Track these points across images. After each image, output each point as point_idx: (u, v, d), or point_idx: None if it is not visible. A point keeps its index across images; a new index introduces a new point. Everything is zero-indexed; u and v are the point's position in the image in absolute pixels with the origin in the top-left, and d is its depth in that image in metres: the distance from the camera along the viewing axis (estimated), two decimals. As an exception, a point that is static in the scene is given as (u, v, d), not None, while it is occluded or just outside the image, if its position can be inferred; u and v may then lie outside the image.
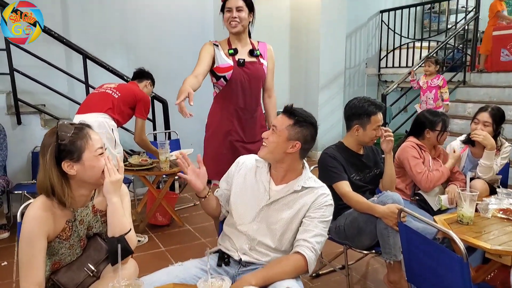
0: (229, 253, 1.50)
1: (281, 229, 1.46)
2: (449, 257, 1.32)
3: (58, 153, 1.26)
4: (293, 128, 1.47)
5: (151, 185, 3.21)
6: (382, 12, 6.35)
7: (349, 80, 6.27)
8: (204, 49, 2.21)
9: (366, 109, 2.04)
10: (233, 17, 2.15)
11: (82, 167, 1.28)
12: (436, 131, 2.35)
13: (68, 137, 1.27)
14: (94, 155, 1.30)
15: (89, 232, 1.39)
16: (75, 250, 1.37)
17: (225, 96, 2.26)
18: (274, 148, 1.48)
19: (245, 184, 1.55)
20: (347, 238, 2.02)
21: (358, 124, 2.06)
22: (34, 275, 1.24)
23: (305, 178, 1.51)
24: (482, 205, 1.96)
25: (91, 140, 1.30)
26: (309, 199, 1.47)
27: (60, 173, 1.27)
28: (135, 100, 2.90)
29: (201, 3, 4.86)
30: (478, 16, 5.37)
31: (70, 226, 1.34)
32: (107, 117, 2.72)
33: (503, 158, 2.47)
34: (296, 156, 1.50)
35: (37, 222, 1.25)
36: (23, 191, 3.09)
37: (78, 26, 4.14)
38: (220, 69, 2.20)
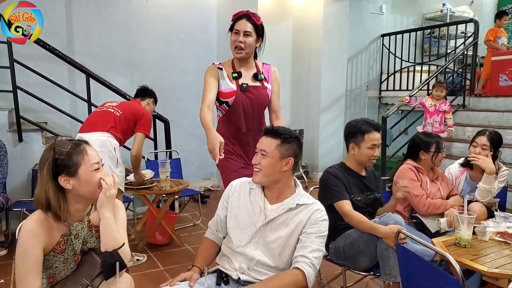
0: (228, 273, 1.51)
1: (279, 247, 1.48)
2: (446, 280, 1.32)
3: (55, 167, 1.30)
4: (282, 146, 1.51)
5: (151, 204, 3.22)
6: (383, 36, 6.47)
7: (350, 103, 6.33)
8: (210, 73, 2.18)
9: (360, 128, 2.08)
10: (239, 41, 2.11)
11: (78, 182, 1.31)
12: (431, 153, 2.38)
13: (65, 152, 1.30)
14: (90, 170, 1.33)
15: (83, 247, 1.40)
16: (69, 264, 1.37)
17: (227, 120, 2.25)
18: (270, 170, 1.51)
19: (239, 206, 1.58)
20: (347, 259, 2.01)
21: (353, 143, 2.10)
22: (31, 285, 1.26)
23: (299, 196, 1.55)
24: (480, 228, 1.97)
25: (87, 155, 1.33)
26: (304, 215, 1.49)
27: (56, 188, 1.31)
28: (137, 117, 2.92)
29: (205, 23, 4.97)
30: (477, 41, 5.46)
31: (65, 240, 1.36)
32: (110, 136, 2.74)
33: (500, 181, 2.48)
34: (290, 173, 1.55)
35: (33, 235, 1.28)
36: (22, 208, 3.09)
37: (82, 44, 4.23)
38: (223, 94, 2.18)
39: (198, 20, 4.93)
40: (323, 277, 2.43)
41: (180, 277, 1.47)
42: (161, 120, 4.03)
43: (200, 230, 3.62)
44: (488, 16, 7.81)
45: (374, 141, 2.07)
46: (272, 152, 1.50)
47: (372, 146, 2.07)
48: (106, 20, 4.37)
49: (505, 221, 2.06)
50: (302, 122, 5.76)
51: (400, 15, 6.73)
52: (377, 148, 2.10)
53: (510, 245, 1.84)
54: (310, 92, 5.75)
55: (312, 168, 5.78)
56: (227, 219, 1.59)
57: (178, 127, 4.59)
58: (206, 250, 1.63)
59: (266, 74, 2.29)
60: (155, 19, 4.66)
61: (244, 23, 2.12)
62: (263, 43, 2.24)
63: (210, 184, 5.22)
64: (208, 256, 1.61)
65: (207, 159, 5.20)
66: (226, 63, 2.26)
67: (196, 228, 3.70)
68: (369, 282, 2.61)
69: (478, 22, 5.48)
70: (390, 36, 6.35)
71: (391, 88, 6.36)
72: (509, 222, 2.05)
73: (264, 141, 1.55)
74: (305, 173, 5.65)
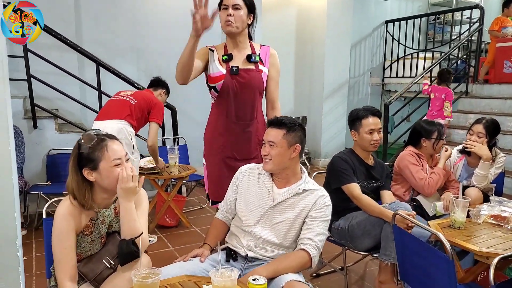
0: (236, 250, 1.63)
1: (285, 228, 1.60)
2: (437, 256, 1.44)
3: (79, 160, 1.42)
4: (289, 135, 1.60)
5: (161, 188, 3.36)
6: (387, 22, 6.47)
7: (353, 89, 6.39)
8: (197, 54, 1.91)
9: (357, 114, 2.19)
10: (228, 14, 1.91)
11: (99, 175, 1.42)
12: (432, 140, 2.47)
13: (87, 147, 1.41)
14: (110, 165, 1.41)
15: (109, 230, 1.52)
16: (95, 245, 1.50)
17: (217, 107, 2.07)
18: (280, 159, 1.60)
19: (249, 190, 1.68)
20: (349, 238, 2.13)
21: (354, 129, 2.22)
22: (68, 268, 1.38)
23: (305, 182, 1.66)
24: (474, 211, 2.08)
25: (107, 152, 1.41)
26: (310, 200, 1.61)
27: (81, 178, 1.42)
28: (150, 106, 3.01)
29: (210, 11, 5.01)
30: (482, 27, 5.47)
31: (93, 224, 1.47)
32: (126, 124, 2.85)
33: (497, 167, 2.58)
34: (297, 159, 1.65)
35: (66, 219, 1.40)
36: (39, 192, 3.24)
37: (91, 33, 4.29)
38: (211, 78, 2.02)
39: (204, 8, 4.97)
40: (325, 257, 2.57)
41: (193, 253, 1.60)
42: (168, 108, 4.12)
43: (206, 213, 3.77)
44: (495, 1, 7.76)
45: (371, 126, 2.16)
46: (280, 142, 1.59)
47: (370, 131, 2.16)
48: (113, 8, 4.42)
49: (499, 205, 2.16)
50: (305, 109, 5.83)
51: (405, 1, 6.72)
52: (376, 132, 2.18)
53: (502, 228, 1.95)
54: (313, 79, 5.81)
55: (314, 154, 5.88)
56: (237, 201, 1.70)
57: (183, 114, 4.68)
58: (216, 230, 1.74)
59: (263, 56, 2.06)
60: (162, 7, 4.70)
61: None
62: (255, 21, 2.04)
63: (216, 170, 5.34)
64: (219, 234, 1.73)
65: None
66: (219, 46, 2.08)
67: (203, 211, 3.84)
68: (368, 263, 2.74)
69: (483, 8, 5.48)
70: (394, 22, 6.36)
71: (394, 75, 6.40)
72: (503, 206, 2.15)
73: (270, 132, 1.63)
74: (308, 160, 5.76)
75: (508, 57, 5.28)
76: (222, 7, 1.94)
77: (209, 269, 1.47)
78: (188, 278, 1.42)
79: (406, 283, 1.74)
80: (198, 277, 1.45)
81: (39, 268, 2.58)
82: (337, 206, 2.17)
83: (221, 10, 1.94)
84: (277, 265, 1.48)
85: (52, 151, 3.57)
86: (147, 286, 1.19)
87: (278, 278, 1.45)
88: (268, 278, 1.39)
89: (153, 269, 1.23)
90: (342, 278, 2.40)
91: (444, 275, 1.41)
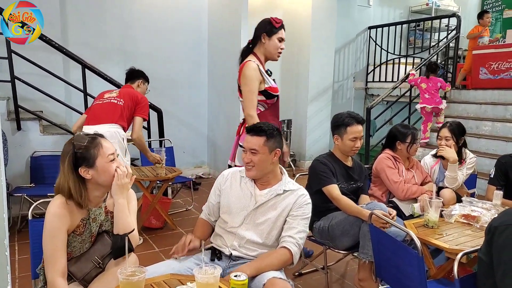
0: (221, 249, 1.70)
1: (268, 228, 1.67)
2: (409, 253, 1.53)
3: (75, 160, 1.45)
4: (269, 141, 1.68)
5: (146, 190, 3.39)
6: (370, 28, 6.63)
7: (337, 93, 6.52)
8: (256, 76, 2.33)
9: (343, 121, 2.28)
10: (281, 48, 2.44)
11: (96, 172, 1.46)
12: (406, 143, 2.58)
13: (83, 146, 1.45)
14: (106, 161, 1.47)
15: (99, 229, 1.56)
16: (85, 244, 1.54)
17: (272, 112, 2.45)
18: (263, 165, 1.68)
19: (232, 193, 1.75)
20: (330, 238, 2.22)
21: (337, 134, 2.30)
22: (58, 264, 1.42)
23: (285, 182, 1.74)
24: (447, 211, 2.19)
25: (102, 148, 1.48)
26: (291, 200, 1.69)
27: (77, 178, 1.46)
28: (136, 102, 3.00)
29: (197, 14, 5.06)
30: (459, 35, 5.67)
31: (84, 223, 1.51)
32: (118, 127, 2.85)
33: (468, 168, 2.72)
34: (277, 162, 1.73)
35: (58, 218, 1.43)
36: (23, 194, 3.23)
37: (77, 35, 4.30)
38: (273, 88, 2.41)
39: (190, 11, 5.02)
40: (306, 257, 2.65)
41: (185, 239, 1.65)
42: (154, 110, 4.16)
43: (192, 215, 3.81)
44: (473, 9, 8.04)
45: (356, 134, 2.26)
46: (262, 149, 1.66)
47: (354, 139, 2.26)
48: (99, 11, 4.44)
49: (470, 205, 2.29)
50: (291, 112, 5.93)
51: (388, 8, 6.90)
52: (358, 140, 2.28)
53: (472, 226, 2.08)
54: (299, 83, 5.91)
55: (299, 156, 5.98)
56: (220, 205, 1.77)
57: (170, 116, 4.73)
58: (202, 227, 1.81)
59: None
60: (148, 9, 4.74)
61: (284, 33, 2.46)
62: None
63: (201, 172, 5.39)
64: (204, 231, 1.80)
65: (198, 147, 5.37)
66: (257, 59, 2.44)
67: (189, 213, 3.88)
68: (349, 261, 2.84)
69: (460, 17, 5.69)
70: (377, 28, 6.52)
71: (377, 80, 6.56)
72: (473, 206, 2.27)
73: (251, 140, 1.69)
74: (293, 162, 5.85)
75: (484, 64, 5.48)
76: (278, 38, 2.44)
77: (194, 267, 1.53)
78: (173, 277, 1.48)
79: (382, 279, 1.83)
80: (183, 276, 1.50)
81: (22, 270, 2.58)
82: (318, 207, 2.26)
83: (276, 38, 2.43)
84: (259, 263, 1.55)
85: (36, 153, 3.57)
86: (132, 283, 1.24)
87: (260, 275, 1.52)
88: (251, 276, 1.46)
89: (139, 267, 1.28)
90: (323, 277, 2.48)
91: (415, 271, 1.50)
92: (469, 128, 4.92)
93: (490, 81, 5.39)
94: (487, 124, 4.80)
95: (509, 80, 5.14)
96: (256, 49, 2.45)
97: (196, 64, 5.11)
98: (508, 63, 5.24)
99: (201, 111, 5.26)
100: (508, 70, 5.21)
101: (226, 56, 4.77)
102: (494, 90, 5.23)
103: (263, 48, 2.43)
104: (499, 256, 1.17)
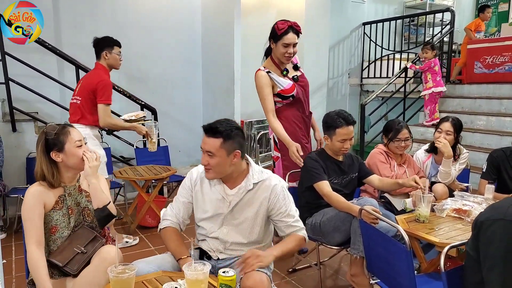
0: (208, 252, 1.69)
1: (248, 227, 1.65)
2: (397, 247, 1.55)
3: (47, 145, 1.66)
4: (226, 143, 1.54)
5: (141, 189, 3.40)
6: (364, 24, 6.64)
7: (332, 90, 6.54)
8: (265, 82, 2.51)
9: (333, 122, 2.27)
10: (289, 52, 2.48)
11: (65, 156, 1.67)
12: (387, 139, 2.63)
13: (53, 133, 1.66)
14: (73, 146, 1.67)
15: (78, 207, 1.74)
16: (66, 218, 1.70)
17: (291, 108, 2.61)
18: (221, 168, 1.57)
19: (204, 198, 1.67)
20: (322, 234, 2.24)
21: (327, 134, 2.32)
22: (35, 234, 1.58)
23: (253, 175, 1.65)
24: (438, 206, 2.21)
25: (70, 135, 1.68)
26: (264, 193, 1.64)
27: (49, 161, 1.67)
28: (93, 90, 2.79)
29: (190, 14, 5.06)
30: (452, 30, 5.68)
31: (61, 199, 1.70)
32: (81, 127, 2.74)
33: (461, 163, 2.73)
34: (239, 161, 1.62)
35: (34, 196, 1.62)
36: (19, 195, 3.23)
37: (70, 36, 4.28)
38: (286, 90, 2.54)
39: (184, 11, 5.01)
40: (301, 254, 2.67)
41: None
42: (149, 109, 4.17)
43: (188, 214, 3.82)
44: (468, 4, 8.04)
45: (344, 136, 2.26)
46: (218, 152, 1.53)
47: (342, 140, 2.27)
48: (93, 11, 4.43)
49: (462, 200, 2.31)
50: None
51: (381, 4, 6.90)
52: (348, 140, 2.28)
53: (463, 220, 2.09)
54: (294, 80, 5.92)
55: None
56: (194, 210, 1.71)
57: (165, 115, 4.73)
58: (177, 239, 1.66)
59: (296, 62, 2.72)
60: (141, 9, 4.74)
61: (293, 36, 2.47)
62: None
63: (197, 170, 5.39)
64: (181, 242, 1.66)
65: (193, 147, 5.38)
66: (269, 65, 2.60)
67: (185, 212, 3.89)
68: (343, 257, 2.86)
69: (454, 12, 5.69)
70: (371, 24, 6.52)
71: (372, 76, 6.57)
72: (465, 200, 2.30)
73: (207, 141, 1.55)
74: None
75: (479, 58, 5.50)
76: (282, 44, 2.48)
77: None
78: (164, 274, 1.50)
79: (372, 273, 1.85)
80: (173, 273, 1.52)
81: (19, 270, 2.60)
82: (311, 203, 2.29)
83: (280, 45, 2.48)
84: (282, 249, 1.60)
85: (32, 154, 3.57)
86: (123, 281, 1.26)
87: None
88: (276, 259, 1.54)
89: (129, 265, 1.30)
90: (317, 272, 2.50)
91: (403, 265, 1.52)
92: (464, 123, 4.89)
93: (485, 75, 5.41)
94: (481, 119, 4.82)
95: (504, 74, 5.16)
96: (272, 52, 2.61)
97: (190, 63, 5.11)
98: (503, 57, 5.25)
99: (196, 110, 5.27)
100: (503, 64, 5.23)
101: (220, 55, 4.77)
102: (489, 84, 5.24)
103: (274, 53, 2.58)
104: (485, 250, 1.18)
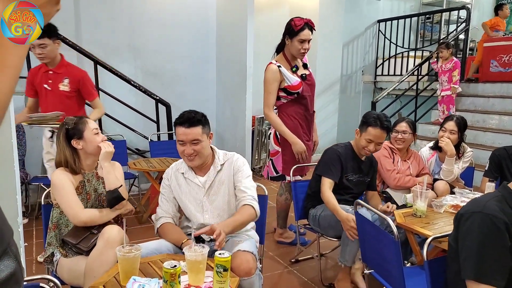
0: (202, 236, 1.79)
1: (226, 202, 1.81)
2: (387, 238, 1.64)
3: (67, 135, 1.85)
4: (205, 128, 1.77)
5: (154, 180, 3.55)
6: (379, 21, 6.62)
7: (346, 87, 6.56)
8: (273, 77, 2.61)
9: (370, 120, 2.29)
10: (305, 48, 2.57)
11: (85, 142, 1.85)
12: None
13: (72, 123, 1.86)
14: (92, 133, 1.86)
15: (95, 193, 1.88)
16: (84, 202, 1.84)
17: (295, 104, 2.72)
18: (205, 151, 1.78)
19: (182, 193, 1.85)
20: (319, 227, 2.34)
21: (359, 129, 2.36)
22: (77, 205, 1.75)
23: (219, 157, 1.86)
24: (437, 202, 2.26)
25: (88, 124, 1.88)
26: (230, 168, 1.83)
27: (71, 149, 1.85)
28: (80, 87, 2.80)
29: (205, 11, 5.18)
30: (468, 27, 5.63)
31: (82, 185, 1.87)
32: None
33: (465, 162, 2.77)
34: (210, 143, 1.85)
35: (63, 175, 1.80)
36: (40, 183, 3.44)
37: (89, 33, 4.46)
38: (293, 87, 2.64)
39: (198, 8, 5.14)
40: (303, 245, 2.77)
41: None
42: (163, 104, 4.32)
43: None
44: (486, 1, 7.90)
45: (372, 137, 2.26)
46: (202, 137, 1.75)
47: (369, 140, 2.28)
48: (110, 8, 4.59)
49: (461, 196, 2.36)
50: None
51: (397, 1, 6.87)
52: (374, 143, 2.27)
53: (460, 216, 2.15)
54: (306, 77, 5.98)
55: (307, 149, 6.07)
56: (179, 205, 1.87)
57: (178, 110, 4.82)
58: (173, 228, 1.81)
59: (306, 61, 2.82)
60: (157, 7, 4.88)
61: (308, 33, 2.57)
62: None
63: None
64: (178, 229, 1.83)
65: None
66: (281, 60, 2.69)
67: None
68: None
69: (470, 9, 5.64)
70: (386, 22, 6.51)
71: (386, 73, 6.57)
72: (464, 197, 2.35)
73: (190, 132, 1.73)
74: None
75: (495, 56, 5.44)
76: (298, 39, 2.57)
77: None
78: (169, 257, 1.62)
79: (366, 263, 1.93)
80: (177, 256, 1.65)
81: (39, 252, 2.76)
82: (317, 193, 2.35)
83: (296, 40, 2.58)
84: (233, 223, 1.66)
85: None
86: (129, 259, 1.39)
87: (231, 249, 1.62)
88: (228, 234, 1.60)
89: (135, 245, 1.43)
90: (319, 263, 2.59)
91: (392, 254, 1.60)
92: (476, 122, 4.92)
93: (501, 74, 5.35)
94: (494, 118, 4.78)
95: (519, 73, 5.11)
96: (285, 48, 2.69)
97: (204, 59, 5.23)
98: (519, 56, 5.19)
99: (209, 106, 5.39)
100: (519, 63, 5.16)
101: (233, 52, 4.87)
102: (503, 83, 5.19)
103: (287, 49, 2.66)
104: (463, 241, 1.26)
